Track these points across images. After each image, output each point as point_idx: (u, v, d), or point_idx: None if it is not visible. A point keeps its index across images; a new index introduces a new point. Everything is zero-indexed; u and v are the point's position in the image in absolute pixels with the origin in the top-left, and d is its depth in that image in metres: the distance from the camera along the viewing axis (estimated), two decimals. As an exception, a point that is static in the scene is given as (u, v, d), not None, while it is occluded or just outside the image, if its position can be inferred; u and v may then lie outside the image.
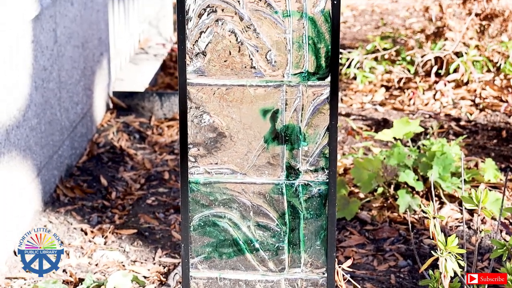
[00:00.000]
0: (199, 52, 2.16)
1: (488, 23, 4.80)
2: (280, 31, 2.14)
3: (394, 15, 6.33)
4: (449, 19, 4.82)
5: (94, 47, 4.10)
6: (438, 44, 4.77)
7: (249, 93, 2.18)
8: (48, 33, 3.44)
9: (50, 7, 3.45)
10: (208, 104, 2.19)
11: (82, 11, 3.89)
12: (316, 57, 2.15)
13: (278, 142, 2.21)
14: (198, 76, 2.17)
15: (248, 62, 2.16)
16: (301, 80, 2.16)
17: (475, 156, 3.92)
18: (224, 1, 2.12)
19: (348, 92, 4.78)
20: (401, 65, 4.90)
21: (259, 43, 2.15)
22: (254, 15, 2.12)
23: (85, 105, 4.00)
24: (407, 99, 4.63)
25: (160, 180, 3.78)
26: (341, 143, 4.10)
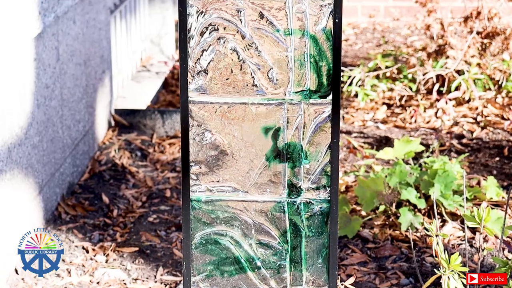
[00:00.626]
0: (201, 70, 2.17)
1: (490, 41, 4.80)
2: (282, 49, 2.14)
3: (395, 33, 6.34)
4: (450, 37, 4.83)
5: (96, 65, 4.11)
6: (439, 62, 4.78)
7: (251, 111, 2.18)
8: (50, 51, 3.45)
9: (52, 25, 3.46)
10: (210, 122, 2.19)
11: (84, 29, 3.90)
12: (317, 75, 2.15)
13: (280, 160, 2.21)
14: (200, 94, 2.18)
15: (249, 80, 2.16)
16: (303, 98, 2.17)
17: (477, 174, 3.92)
18: (226, 20, 2.13)
19: (350, 109, 4.78)
20: (403, 83, 4.90)
21: (261, 61, 2.15)
22: (256, 33, 2.13)
23: (87, 122, 4.00)
24: (408, 117, 4.63)
25: (162, 197, 3.78)
26: (343, 161, 4.10)
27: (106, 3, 4.28)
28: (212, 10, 2.12)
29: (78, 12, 3.81)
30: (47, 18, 3.37)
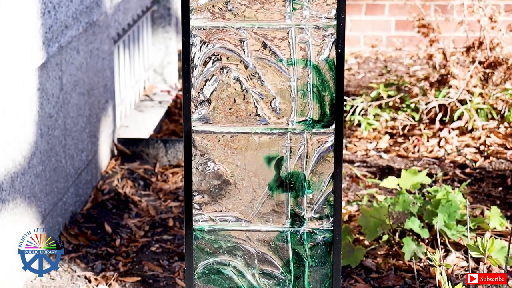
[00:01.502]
0: (204, 100, 2.17)
1: (492, 71, 4.81)
2: (285, 79, 2.15)
3: (398, 63, 6.36)
4: (453, 67, 4.84)
5: (99, 95, 4.12)
6: (442, 92, 4.79)
7: (254, 140, 2.18)
8: (54, 81, 3.46)
9: (56, 55, 3.48)
10: (213, 152, 2.20)
11: (88, 59, 3.91)
12: (320, 105, 2.15)
13: (282, 189, 2.21)
14: (203, 123, 2.18)
15: (253, 110, 2.16)
16: (306, 128, 2.17)
17: (481, 203, 3.91)
18: (229, 50, 2.13)
19: (353, 139, 4.78)
20: (406, 112, 4.91)
21: (264, 91, 2.16)
22: (259, 63, 2.14)
23: (90, 152, 4.00)
24: (411, 146, 4.63)
25: (165, 227, 3.77)
26: (346, 190, 4.10)
27: (110, 33, 4.30)
28: (215, 40, 2.13)
29: (82, 42, 3.82)
30: (51, 48, 3.38)
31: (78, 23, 3.71)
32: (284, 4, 2.10)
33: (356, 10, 6.47)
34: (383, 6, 6.44)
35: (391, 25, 6.50)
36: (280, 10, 2.10)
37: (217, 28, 2.12)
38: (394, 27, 6.50)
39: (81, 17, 3.74)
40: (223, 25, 2.12)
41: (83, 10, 3.77)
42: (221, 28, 2.12)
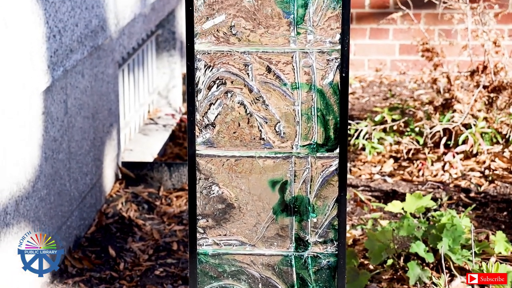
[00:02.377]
0: (208, 124, 2.17)
1: (496, 95, 4.82)
2: (289, 103, 2.15)
3: (402, 87, 6.37)
4: (457, 91, 4.84)
5: (104, 118, 4.13)
6: (446, 116, 4.79)
7: (258, 164, 2.18)
8: (59, 105, 3.47)
9: (61, 79, 3.49)
10: (217, 175, 2.20)
11: (92, 82, 3.92)
12: (325, 129, 2.15)
13: (287, 213, 2.20)
14: (207, 147, 2.18)
15: (257, 134, 2.16)
16: (310, 152, 2.17)
17: (486, 228, 3.90)
18: (234, 74, 2.14)
19: (357, 163, 4.78)
20: (410, 136, 4.91)
21: (268, 114, 2.16)
22: (263, 87, 2.14)
23: (94, 175, 4.00)
24: (416, 170, 4.63)
25: (169, 251, 3.76)
26: (350, 214, 4.09)
27: (115, 57, 4.31)
28: (220, 64, 2.13)
29: (87, 65, 3.84)
30: (56, 72, 3.39)
31: (83, 47, 3.72)
32: (288, 28, 2.10)
33: (360, 34, 6.48)
34: (387, 30, 6.45)
35: (395, 49, 6.52)
36: (284, 34, 2.10)
37: (222, 52, 2.13)
38: (398, 51, 6.51)
39: (86, 41, 3.76)
40: (228, 49, 2.13)
41: (88, 34, 3.79)
42: (226, 52, 2.13)
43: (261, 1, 2.08)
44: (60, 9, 3.41)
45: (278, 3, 2.09)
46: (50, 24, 3.31)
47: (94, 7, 3.84)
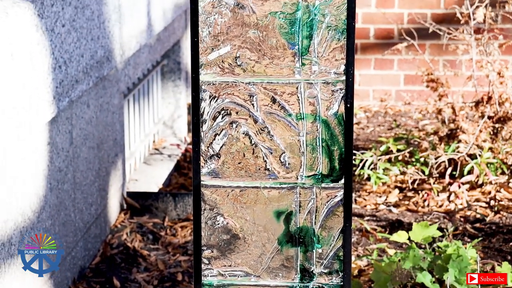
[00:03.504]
0: (213, 154, 2.18)
1: (501, 125, 4.82)
2: (294, 134, 2.15)
3: (407, 117, 6.37)
4: (462, 122, 4.84)
5: (109, 148, 4.14)
6: (451, 146, 4.79)
7: (263, 195, 2.18)
8: (64, 135, 3.48)
9: (67, 109, 3.50)
10: (222, 206, 2.19)
11: (98, 113, 3.93)
12: (329, 160, 2.15)
13: (292, 244, 2.20)
14: (212, 178, 2.18)
15: (262, 164, 2.16)
16: (315, 182, 2.17)
17: (491, 259, 3.88)
18: (239, 104, 2.14)
19: (362, 193, 4.78)
20: (415, 166, 4.90)
21: (273, 145, 2.16)
22: (268, 117, 2.14)
23: (99, 206, 4.00)
24: (421, 200, 4.62)
25: (174, 281, 3.75)
26: (355, 244, 4.08)
27: (120, 87, 4.32)
28: (225, 95, 2.14)
29: (92, 96, 3.85)
30: (61, 102, 3.40)
31: (88, 78, 3.74)
32: (293, 59, 2.11)
33: (365, 64, 6.50)
34: (392, 61, 6.47)
35: (400, 79, 6.53)
36: (289, 65, 2.11)
37: (227, 83, 2.14)
38: (403, 81, 6.52)
39: (91, 71, 3.77)
40: (233, 80, 2.13)
41: (94, 65, 3.81)
42: (231, 83, 2.13)
43: (266, 32, 2.09)
44: (66, 40, 3.42)
45: (283, 34, 2.10)
46: (56, 55, 3.33)
47: (99, 38, 3.86)
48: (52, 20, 3.28)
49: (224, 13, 2.09)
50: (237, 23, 2.10)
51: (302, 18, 2.09)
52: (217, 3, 2.10)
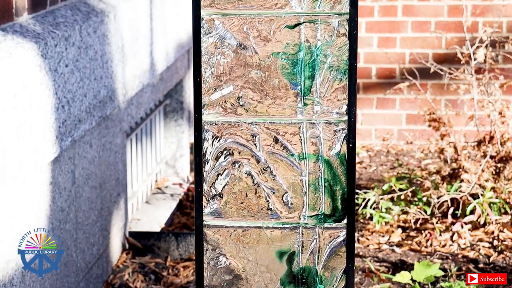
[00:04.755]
0: (216, 194, 2.18)
1: (504, 165, 4.82)
2: (296, 174, 2.16)
3: (409, 156, 6.38)
4: (464, 161, 4.84)
5: (111, 188, 4.14)
6: (454, 186, 4.78)
7: (266, 235, 2.17)
8: (66, 175, 3.48)
9: (69, 149, 3.50)
10: (225, 246, 2.19)
11: (100, 152, 3.94)
12: (332, 200, 2.15)
13: (294, 285, 2.19)
14: (214, 218, 2.18)
15: (264, 204, 2.16)
16: (318, 222, 2.16)
17: (495, 298, 3.86)
18: (241, 144, 2.15)
19: (365, 232, 4.76)
20: (418, 206, 4.89)
21: (276, 185, 2.16)
22: (271, 157, 2.15)
23: (101, 246, 3.99)
24: (424, 240, 4.60)
25: (175, 322, 3.73)
26: (358, 285, 4.06)
27: (123, 127, 4.34)
28: (227, 135, 2.14)
29: (95, 135, 3.86)
30: (64, 142, 3.41)
31: (91, 117, 3.75)
32: (295, 99, 2.12)
33: (367, 104, 6.52)
34: (394, 100, 6.49)
35: (402, 119, 6.55)
36: (291, 105, 2.12)
37: (229, 123, 2.14)
38: (405, 121, 6.54)
39: (94, 111, 3.79)
40: (235, 120, 2.14)
41: (97, 104, 3.82)
42: (233, 123, 2.14)
43: (269, 72, 2.10)
44: (69, 80, 3.44)
45: (285, 75, 2.11)
46: (59, 95, 3.34)
47: (102, 78, 3.88)
48: (55, 60, 3.29)
49: (226, 54, 2.10)
50: (240, 64, 2.11)
51: (304, 59, 2.10)
52: (219, 43, 2.11)
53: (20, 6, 3.26)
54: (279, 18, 2.09)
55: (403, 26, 6.33)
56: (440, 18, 6.26)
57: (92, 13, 3.79)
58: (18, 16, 3.24)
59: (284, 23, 2.10)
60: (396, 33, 6.37)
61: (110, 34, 3.97)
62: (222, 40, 2.11)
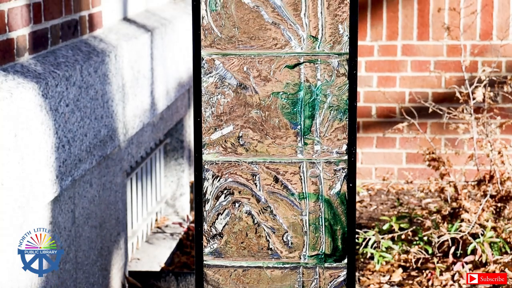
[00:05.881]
0: (216, 234, 2.17)
1: (504, 205, 4.81)
2: (297, 213, 2.15)
3: (409, 195, 6.37)
4: (464, 201, 4.84)
5: (111, 227, 4.13)
6: (454, 225, 4.77)
7: (266, 275, 2.17)
8: (66, 214, 3.48)
9: (69, 188, 3.50)
10: (225, 286, 2.18)
11: (100, 191, 3.94)
12: (332, 239, 2.15)
13: (295, 325, 2.18)
14: (215, 257, 2.17)
15: (264, 244, 2.16)
16: (318, 262, 2.16)
17: None
18: (241, 184, 2.15)
19: (365, 272, 4.75)
20: (418, 245, 4.88)
21: (276, 224, 2.16)
22: (271, 197, 2.15)
23: (101, 285, 3.97)
24: (425, 280, 4.59)
25: None
26: (359, 325, 4.04)
27: (123, 166, 4.34)
28: (228, 174, 2.14)
29: (95, 175, 3.86)
30: (64, 182, 3.41)
31: (91, 157, 3.75)
32: (295, 139, 2.12)
33: (367, 143, 6.53)
34: (394, 139, 6.50)
35: (402, 158, 6.55)
36: (291, 145, 2.12)
37: (229, 162, 2.15)
38: (405, 160, 6.54)
39: (94, 150, 3.79)
40: (235, 160, 2.14)
41: (97, 144, 3.83)
42: (233, 162, 2.14)
43: (269, 112, 2.11)
44: (69, 120, 3.45)
45: (285, 114, 2.12)
46: (60, 134, 3.35)
47: (103, 117, 3.89)
48: (56, 100, 3.31)
49: (227, 94, 2.11)
50: (240, 103, 2.12)
51: (304, 98, 2.11)
52: (220, 83, 2.12)
53: (21, 46, 3.28)
54: (279, 58, 2.11)
55: (403, 66, 6.36)
56: (440, 57, 6.29)
57: (93, 53, 3.82)
58: (19, 56, 3.26)
59: (284, 63, 2.11)
60: (395, 73, 6.40)
61: (111, 73, 3.99)
62: (222, 80, 2.12)
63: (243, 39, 2.10)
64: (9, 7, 3.15)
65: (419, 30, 6.27)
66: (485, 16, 6.12)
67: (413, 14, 6.26)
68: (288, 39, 2.10)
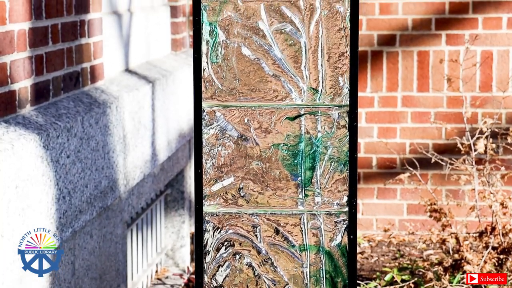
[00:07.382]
0: (216, 286, 2.16)
1: (506, 256, 4.79)
2: (298, 265, 2.14)
3: (411, 247, 6.34)
4: (466, 252, 4.82)
5: (111, 279, 4.11)
6: (456, 277, 4.75)
7: (267, 327, 2.15)
8: (66, 266, 3.46)
9: (69, 240, 3.49)
10: None
11: (101, 243, 3.92)
12: (333, 291, 2.14)
13: None
14: (215, 310, 2.16)
15: (265, 296, 2.15)
16: (319, 315, 2.14)
17: None
18: (242, 235, 2.14)
19: (367, 325, 4.71)
20: (420, 297, 4.85)
21: (276, 276, 2.15)
22: (271, 249, 2.14)
23: (100, 337, 3.94)
24: (427, 332, 4.55)
25: None
26: None
27: (123, 217, 4.33)
28: (228, 226, 2.14)
29: (95, 226, 3.85)
30: (64, 233, 3.40)
31: (92, 208, 3.75)
32: (296, 191, 2.12)
33: (368, 193, 6.52)
34: (395, 190, 6.49)
35: (403, 209, 6.54)
36: (292, 196, 2.12)
37: (230, 214, 2.14)
38: (406, 211, 6.53)
39: (95, 201, 3.79)
40: (236, 211, 2.14)
41: (98, 195, 3.82)
42: (234, 214, 2.14)
43: (269, 163, 2.11)
44: (70, 171, 3.45)
45: (286, 166, 2.12)
46: (60, 186, 3.35)
47: (104, 168, 3.89)
48: (57, 151, 3.31)
49: (227, 145, 2.12)
50: (241, 155, 2.12)
51: (305, 150, 2.11)
52: (220, 135, 2.12)
53: (23, 98, 3.29)
54: (279, 110, 2.11)
55: (403, 117, 6.38)
56: (440, 109, 6.32)
57: (94, 104, 3.83)
58: (21, 108, 3.27)
59: (285, 114, 2.12)
60: (396, 124, 6.42)
61: (112, 124, 4.00)
62: (223, 131, 2.13)
63: (244, 91, 2.11)
64: (12, 59, 3.17)
65: (419, 81, 6.30)
66: (485, 68, 6.15)
67: (413, 66, 6.30)
68: (289, 91, 2.11)
